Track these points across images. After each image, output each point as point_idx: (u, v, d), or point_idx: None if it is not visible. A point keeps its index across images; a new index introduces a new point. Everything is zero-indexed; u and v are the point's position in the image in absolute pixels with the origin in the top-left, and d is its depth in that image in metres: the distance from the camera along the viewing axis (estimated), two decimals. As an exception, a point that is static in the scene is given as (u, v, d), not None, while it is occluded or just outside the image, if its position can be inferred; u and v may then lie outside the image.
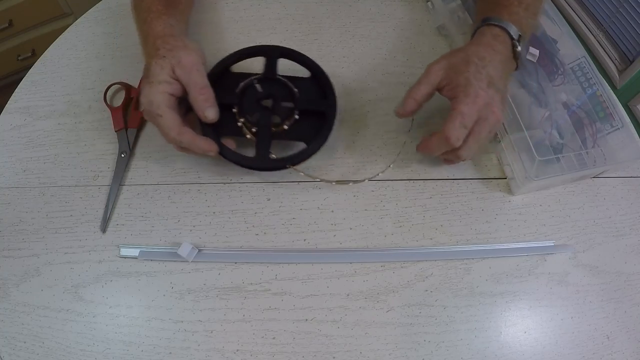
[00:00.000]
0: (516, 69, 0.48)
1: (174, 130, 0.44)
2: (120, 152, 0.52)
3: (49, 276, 0.47)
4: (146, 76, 0.45)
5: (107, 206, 0.49)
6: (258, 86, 0.48)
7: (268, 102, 0.48)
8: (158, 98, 0.43)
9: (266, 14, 0.62)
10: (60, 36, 0.62)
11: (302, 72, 0.50)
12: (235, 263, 0.47)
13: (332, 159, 0.52)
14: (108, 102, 0.55)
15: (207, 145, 0.45)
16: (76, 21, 0.63)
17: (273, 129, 0.47)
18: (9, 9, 1.17)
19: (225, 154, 0.46)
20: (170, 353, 0.43)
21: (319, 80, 0.49)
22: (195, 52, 0.46)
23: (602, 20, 1.23)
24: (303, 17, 0.62)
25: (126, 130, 0.54)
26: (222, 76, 0.49)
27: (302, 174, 0.48)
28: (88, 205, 0.50)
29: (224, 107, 0.46)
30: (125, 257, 0.47)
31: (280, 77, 0.49)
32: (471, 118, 0.42)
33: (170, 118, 0.44)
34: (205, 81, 0.45)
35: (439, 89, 0.46)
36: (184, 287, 0.46)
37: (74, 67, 0.59)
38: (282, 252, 0.47)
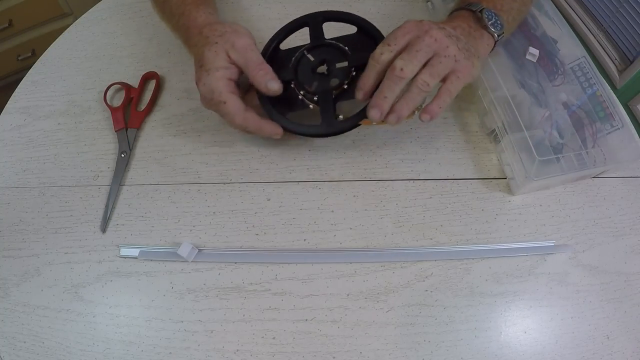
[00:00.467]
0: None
1: (239, 116, 0.44)
2: (120, 152, 0.52)
3: (49, 276, 0.47)
4: (200, 66, 0.44)
5: (107, 206, 0.49)
6: (309, 56, 0.48)
7: (323, 68, 0.48)
8: (219, 85, 0.43)
9: (266, 14, 0.62)
10: (60, 36, 0.62)
11: (348, 29, 0.50)
12: (235, 263, 0.47)
13: (332, 158, 0.52)
14: (108, 102, 0.55)
15: (273, 128, 0.45)
16: (76, 21, 0.63)
17: (334, 92, 0.46)
18: (9, 9, 1.17)
19: (293, 129, 0.46)
20: (170, 353, 0.43)
21: (366, 32, 0.49)
22: (246, 34, 0.46)
23: (602, 20, 1.23)
24: (303, 17, 0.62)
25: (126, 130, 0.54)
26: (273, 56, 0.49)
27: (374, 123, 0.45)
28: (88, 205, 0.50)
29: (283, 84, 0.46)
30: (125, 257, 0.47)
31: (329, 41, 0.48)
32: (403, 41, 0.41)
33: (234, 103, 0.44)
34: (261, 58, 0.45)
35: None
36: (184, 287, 0.46)
37: (74, 67, 0.59)
38: (282, 252, 0.47)
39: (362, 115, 0.45)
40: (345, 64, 0.47)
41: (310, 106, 0.47)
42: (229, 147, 0.53)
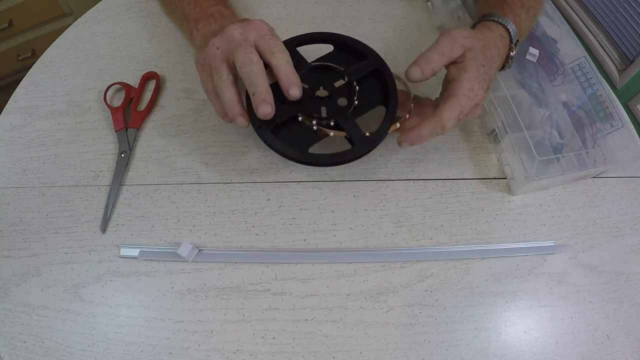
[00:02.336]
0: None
1: (256, 66, 0.40)
2: (120, 152, 0.52)
3: (49, 276, 0.47)
4: (226, 23, 0.43)
5: (107, 206, 0.49)
6: (302, 84, 0.45)
7: (322, 92, 0.45)
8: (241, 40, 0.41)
9: (266, 14, 0.62)
10: (60, 36, 0.62)
11: (325, 48, 0.48)
12: (235, 263, 0.47)
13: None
14: (108, 102, 0.55)
15: (240, 108, 0.42)
16: (76, 21, 0.63)
17: (349, 111, 0.44)
18: (9, 9, 1.17)
19: (327, 162, 0.44)
20: (170, 353, 0.43)
21: (345, 45, 0.48)
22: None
23: (602, 20, 1.22)
24: (303, 17, 0.62)
25: (126, 130, 0.54)
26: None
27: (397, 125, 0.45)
28: (88, 205, 0.50)
29: (289, 122, 0.44)
30: (125, 257, 0.47)
31: (315, 64, 0.46)
32: (464, 111, 0.42)
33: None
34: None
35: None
36: (184, 287, 0.46)
37: (74, 67, 0.59)
38: (282, 252, 0.47)
39: (388, 123, 0.44)
40: (343, 80, 0.46)
41: (331, 133, 0.43)
42: (229, 147, 0.53)
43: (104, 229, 0.49)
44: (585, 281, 0.47)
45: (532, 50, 0.52)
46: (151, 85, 0.57)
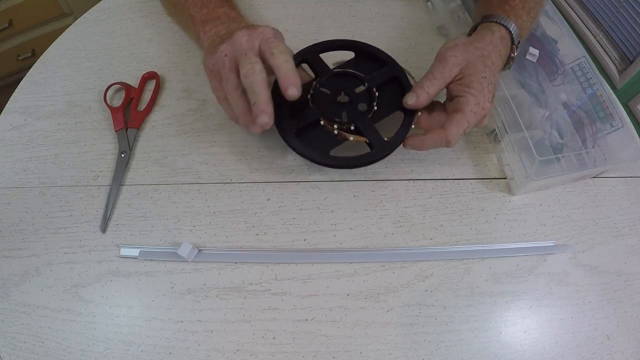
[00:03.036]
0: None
1: (261, 75, 0.41)
2: (120, 152, 0.52)
3: (49, 276, 0.47)
4: (236, 27, 0.44)
5: (107, 206, 0.49)
6: (323, 89, 0.47)
7: (343, 97, 0.47)
8: (255, 43, 0.42)
9: (266, 14, 0.63)
10: (60, 36, 0.62)
11: (346, 55, 0.50)
12: (235, 263, 0.47)
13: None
14: (108, 102, 0.55)
15: (268, 106, 0.41)
16: (76, 21, 0.63)
17: (368, 116, 0.46)
18: (9, 9, 1.17)
19: (347, 164, 0.45)
20: (170, 353, 0.43)
21: (365, 53, 0.49)
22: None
23: (602, 20, 1.23)
24: (303, 17, 0.62)
25: (126, 130, 0.54)
26: (281, 102, 0.44)
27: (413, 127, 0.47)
28: (88, 205, 0.50)
29: (311, 125, 0.45)
30: (125, 257, 0.47)
31: (337, 70, 0.48)
32: (471, 125, 0.43)
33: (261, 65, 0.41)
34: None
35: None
36: (184, 287, 0.46)
37: (74, 67, 0.59)
38: (282, 252, 0.47)
39: (406, 128, 0.46)
40: (363, 86, 0.47)
41: (351, 138, 0.45)
42: (229, 147, 0.53)
43: (104, 229, 0.49)
44: (585, 281, 0.47)
45: (532, 50, 0.52)
46: (151, 85, 0.57)
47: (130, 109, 0.55)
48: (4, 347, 0.44)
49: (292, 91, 0.41)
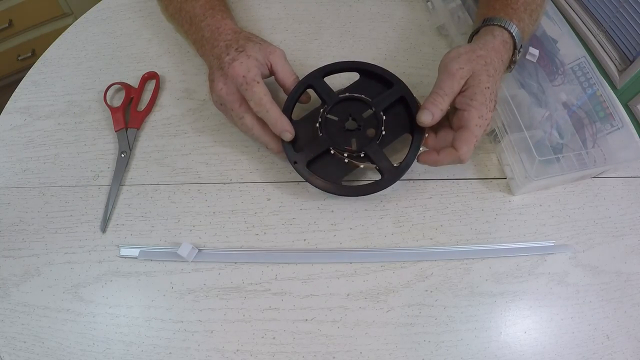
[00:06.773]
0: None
1: (266, 99, 0.43)
2: (120, 152, 0.52)
3: (49, 276, 0.47)
4: (236, 49, 0.45)
5: (107, 206, 0.49)
6: (331, 116, 0.47)
7: (352, 123, 0.47)
8: (253, 67, 0.44)
9: (266, 14, 0.62)
10: (60, 36, 0.62)
11: (350, 77, 0.50)
12: (235, 263, 0.47)
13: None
14: (108, 102, 0.55)
15: (286, 124, 0.44)
16: (76, 21, 0.63)
17: (377, 141, 0.46)
18: (9, 9, 1.18)
19: (359, 192, 0.46)
20: (170, 353, 0.43)
21: (370, 73, 0.49)
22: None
23: (602, 20, 1.22)
24: (303, 17, 0.62)
25: (126, 130, 0.54)
26: (295, 130, 0.46)
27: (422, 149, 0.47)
28: (88, 205, 0.50)
29: (322, 155, 0.46)
30: (125, 257, 0.47)
31: (344, 96, 0.47)
32: (479, 138, 0.43)
33: (264, 88, 0.44)
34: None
35: None
36: (184, 287, 0.46)
37: (74, 67, 0.59)
38: (282, 252, 0.47)
39: (415, 152, 0.46)
40: (370, 110, 0.47)
41: (361, 165, 0.46)
42: (229, 147, 0.53)
43: (104, 229, 0.49)
44: (585, 281, 0.47)
45: (532, 50, 0.52)
46: (151, 85, 0.57)
47: (130, 109, 0.55)
48: (4, 347, 0.44)
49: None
